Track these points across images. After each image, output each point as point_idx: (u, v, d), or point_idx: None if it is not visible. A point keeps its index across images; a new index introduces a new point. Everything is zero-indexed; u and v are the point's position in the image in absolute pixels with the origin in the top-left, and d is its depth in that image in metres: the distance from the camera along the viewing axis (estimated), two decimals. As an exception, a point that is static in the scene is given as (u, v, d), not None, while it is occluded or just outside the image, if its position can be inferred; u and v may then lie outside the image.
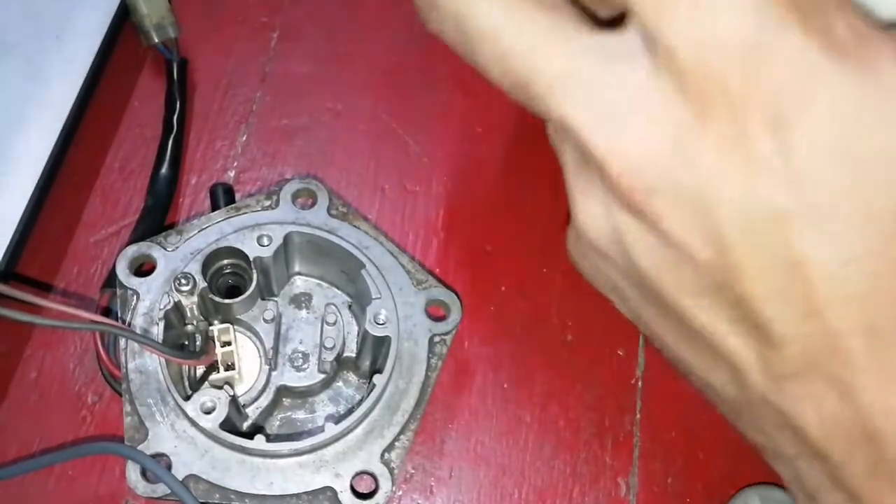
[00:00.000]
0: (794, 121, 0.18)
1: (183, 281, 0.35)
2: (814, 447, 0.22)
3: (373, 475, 0.35)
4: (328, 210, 0.39)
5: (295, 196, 0.39)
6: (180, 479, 0.33)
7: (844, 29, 0.19)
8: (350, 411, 0.35)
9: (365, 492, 0.35)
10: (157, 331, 0.35)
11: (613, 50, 0.21)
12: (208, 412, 0.33)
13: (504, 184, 0.44)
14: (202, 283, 0.35)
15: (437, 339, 0.37)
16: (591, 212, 0.23)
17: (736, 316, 0.21)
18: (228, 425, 0.34)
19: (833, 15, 0.19)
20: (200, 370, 0.37)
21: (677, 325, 0.23)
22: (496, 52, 0.22)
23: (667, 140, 0.20)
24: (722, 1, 0.19)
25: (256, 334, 0.37)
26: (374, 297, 0.36)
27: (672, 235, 0.20)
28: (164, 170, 0.42)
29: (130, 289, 0.36)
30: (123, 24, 0.44)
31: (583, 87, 0.21)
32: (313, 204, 0.39)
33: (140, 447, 0.34)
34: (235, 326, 0.36)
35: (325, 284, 0.40)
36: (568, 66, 0.21)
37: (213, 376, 0.35)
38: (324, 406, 0.38)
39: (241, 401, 0.36)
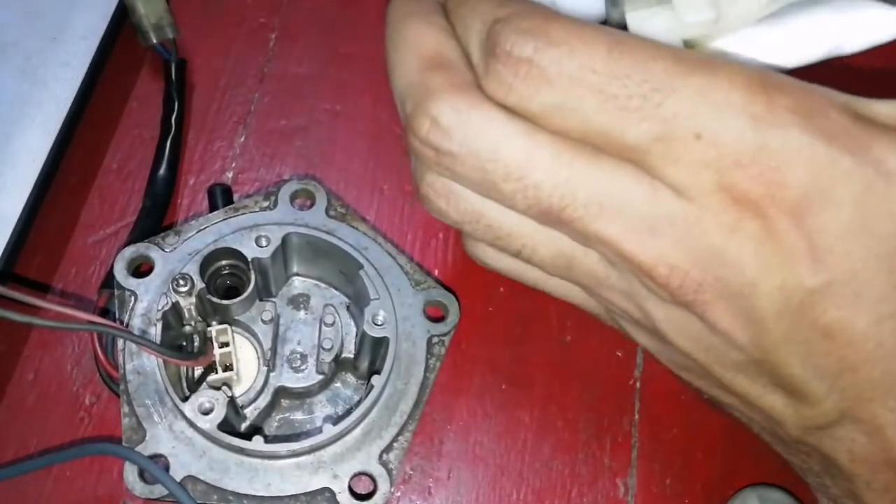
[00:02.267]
0: (811, 209, 0.20)
1: (181, 282, 0.35)
2: (842, 472, 0.24)
3: (371, 476, 0.35)
4: (326, 211, 0.39)
5: (293, 197, 0.39)
6: (178, 480, 0.33)
7: (837, 122, 0.21)
8: (348, 412, 0.35)
9: (363, 493, 0.35)
10: (155, 332, 0.35)
11: (637, 176, 0.22)
12: (206, 413, 0.33)
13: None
14: (200, 284, 0.35)
15: (435, 339, 0.37)
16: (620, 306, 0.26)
17: (772, 382, 0.23)
18: (226, 426, 0.34)
19: (825, 111, 0.21)
20: (198, 371, 0.37)
21: (717, 384, 0.25)
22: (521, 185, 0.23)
23: (705, 247, 0.21)
24: (724, 125, 0.20)
25: (255, 335, 0.37)
26: (372, 297, 0.36)
27: (716, 322, 0.22)
28: (162, 170, 0.42)
29: (128, 289, 0.36)
30: (122, 24, 0.44)
31: (617, 208, 0.22)
32: (312, 205, 0.39)
33: (138, 448, 0.34)
34: (233, 327, 0.36)
35: (323, 285, 0.40)
36: (599, 189, 0.22)
37: (212, 377, 0.35)
38: (322, 407, 0.38)
39: (240, 402, 0.36)
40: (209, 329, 0.35)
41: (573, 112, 0.21)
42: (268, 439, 0.35)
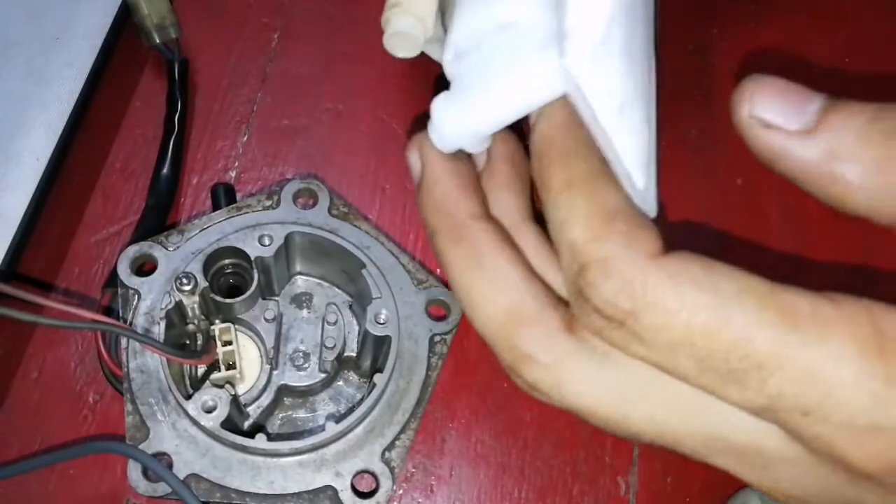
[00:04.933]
0: None
1: (184, 280, 0.35)
2: None
3: (373, 474, 0.35)
4: (329, 210, 0.39)
5: (296, 196, 0.39)
6: (181, 478, 0.33)
7: None
8: (351, 410, 0.35)
9: (365, 491, 0.35)
10: (159, 330, 0.35)
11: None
12: (209, 411, 0.33)
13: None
14: (203, 283, 0.35)
15: (437, 338, 0.37)
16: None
17: None
18: (229, 424, 0.34)
19: None
20: (202, 369, 0.37)
21: None
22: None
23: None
24: (835, 405, 0.19)
25: (258, 334, 0.37)
26: (374, 296, 0.36)
27: None
28: (165, 170, 0.42)
29: (132, 288, 0.36)
30: (125, 24, 0.44)
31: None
32: (314, 204, 0.39)
33: (141, 446, 0.34)
34: (236, 326, 0.36)
35: (325, 284, 0.40)
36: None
37: (215, 375, 0.35)
38: (324, 405, 0.38)
39: (243, 400, 0.36)
40: (212, 327, 0.36)
41: (669, 368, 0.21)
42: (270, 437, 0.35)
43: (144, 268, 0.37)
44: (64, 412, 0.38)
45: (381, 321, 0.36)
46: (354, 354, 0.38)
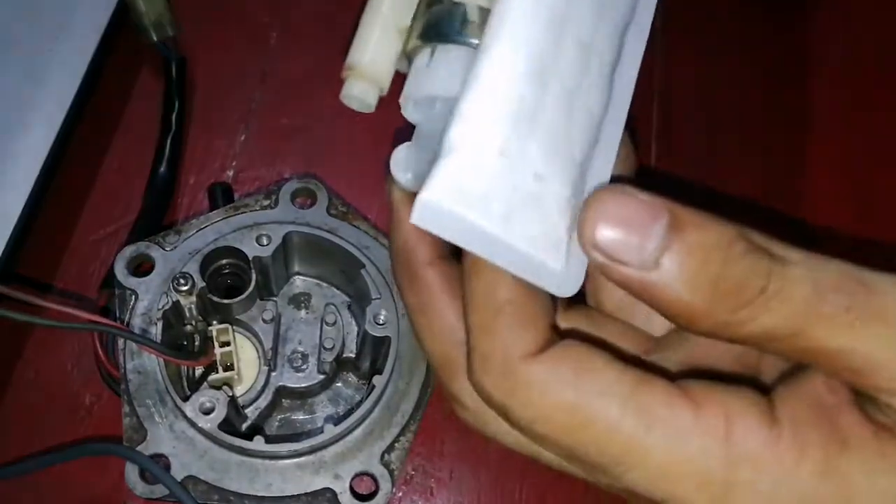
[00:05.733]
0: None
1: (181, 281, 0.35)
2: None
3: (373, 476, 0.34)
4: (327, 209, 0.39)
5: (294, 195, 0.39)
6: (179, 480, 0.33)
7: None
8: (349, 412, 0.35)
9: (365, 493, 0.34)
10: (156, 331, 0.35)
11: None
12: (207, 413, 0.33)
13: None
14: (201, 283, 0.35)
15: (437, 339, 0.37)
16: None
17: None
18: (227, 426, 0.34)
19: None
20: (199, 370, 0.37)
21: None
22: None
23: None
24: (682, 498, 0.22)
25: (255, 334, 0.37)
26: (373, 297, 0.36)
27: None
28: (162, 169, 0.42)
29: (129, 289, 0.36)
30: (122, 22, 0.44)
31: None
32: (312, 203, 0.39)
33: (139, 448, 0.34)
34: (234, 327, 0.36)
35: (324, 284, 0.39)
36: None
37: (212, 377, 0.35)
38: (323, 407, 0.38)
39: (240, 401, 0.36)
40: (210, 328, 0.35)
41: (545, 448, 0.23)
42: (269, 439, 0.35)
43: (141, 268, 0.37)
44: (61, 413, 0.37)
45: (381, 322, 0.36)
46: (353, 355, 0.38)
